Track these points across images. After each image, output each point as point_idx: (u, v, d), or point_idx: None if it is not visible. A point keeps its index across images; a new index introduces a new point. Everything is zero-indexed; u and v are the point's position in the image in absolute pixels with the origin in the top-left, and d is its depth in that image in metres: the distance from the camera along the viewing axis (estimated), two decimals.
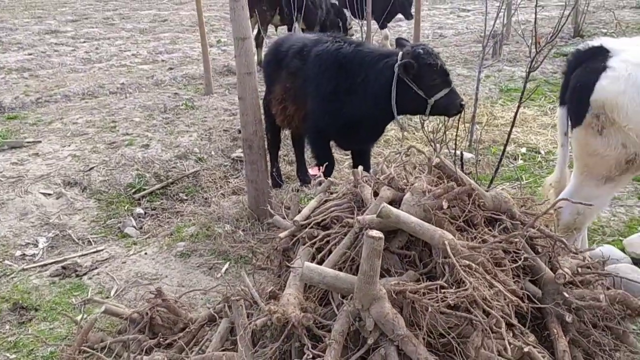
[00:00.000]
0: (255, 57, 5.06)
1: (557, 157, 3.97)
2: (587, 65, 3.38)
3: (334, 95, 4.58)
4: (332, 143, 5.12)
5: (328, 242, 2.45)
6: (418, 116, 5.38)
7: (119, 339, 3.18)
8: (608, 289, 2.63)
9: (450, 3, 19.05)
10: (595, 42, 3.51)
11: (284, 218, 2.87)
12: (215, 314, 2.96)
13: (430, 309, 1.99)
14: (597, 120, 3.31)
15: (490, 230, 2.44)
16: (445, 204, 2.28)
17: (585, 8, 12.64)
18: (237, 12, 4.29)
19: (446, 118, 4.36)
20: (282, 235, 2.65)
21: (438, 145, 4.46)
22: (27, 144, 6.67)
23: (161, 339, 3.18)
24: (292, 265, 2.39)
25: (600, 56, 3.35)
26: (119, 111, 7.79)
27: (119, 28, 15.02)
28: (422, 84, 4.10)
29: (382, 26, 10.65)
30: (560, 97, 3.74)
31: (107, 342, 3.20)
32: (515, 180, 5.68)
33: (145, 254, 4.69)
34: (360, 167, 2.81)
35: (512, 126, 4.68)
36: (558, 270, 2.44)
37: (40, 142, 6.73)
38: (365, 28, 8.37)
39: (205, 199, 5.67)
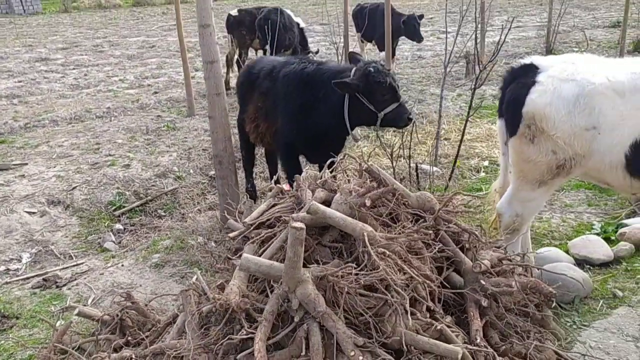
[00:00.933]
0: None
1: (500, 165, 4.30)
2: (519, 81, 3.72)
3: (300, 111, 4.90)
4: (302, 159, 5.43)
5: (270, 238, 2.74)
6: (389, 132, 5.75)
7: (91, 339, 3.44)
8: (526, 276, 2.93)
9: (431, 25, 19.58)
10: (527, 60, 3.85)
11: (237, 222, 3.18)
12: (178, 313, 3.23)
13: (346, 289, 2.28)
14: (529, 130, 3.63)
15: (412, 225, 2.73)
16: (368, 202, 2.58)
17: (556, 28, 13.13)
18: (205, 37, 4.63)
19: (412, 133, 4.67)
20: (231, 235, 2.94)
21: (394, 156, 4.81)
22: (13, 166, 6.94)
23: (130, 339, 3.44)
24: (233, 259, 2.68)
25: (530, 72, 3.69)
26: (103, 134, 8.09)
27: (108, 55, 15.42)
28: (372, 99, 4.44)
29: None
30: (498, 110, 4.07)
31: (79, 342, 3.46)
32: (477, 190, 5.99)
33: (122, 265, 4.96)
34: (303, 174, 3.12)
35: (462, 140, 5.02)
36: (475, 261, 2.73)
37: (26, 164, 7.01)
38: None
39: (183, 214, 5.96)
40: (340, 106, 4.62)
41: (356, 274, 2.33)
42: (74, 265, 5.05)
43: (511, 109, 3.76)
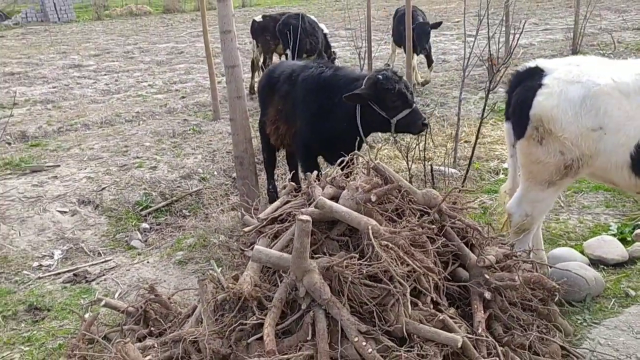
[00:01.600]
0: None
1: (508, 167, 4.37)
2: (525, 84, 3.80)
3: (317, 114, 5.06)
4: (321, 159, 5.58)
5: (282, 232, 2.88)
6: (409, 136, 5.86)
7: (116, 329, 3.64)
8: (530, 272, 3.01)
9: (457, 29, 19.56)
10: (532, 63, 3.93)
11: (252, 217, 3.33)
12: (198, 305, 3.40)
13: (350, 279, 2.41)
14: (536, 132, 3.71)
15: (417, 221, 2.84)
16: (373, 198, 2.70)
17: (582, 30, 13.04)
18: (227, 43, 4.82)
19: (427, 136, 4.77)
20: (246, 229, 3.10)
21: (412, 159, 4.92)
22: (47, 168, 7.24)
23: (153, 329, 3.63)
24: (246, 251, 2.83)
25: (536, 75, 3.77)
26: (131, 137, 8.37)
27: (138, 61, 15.82)
28: (383, 106, 4.55)
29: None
30: (505, 113, 4.15)
31: (105, 332, 3.65)
32: (494, 192, 6.04)
33: (148, 262, 5.17)
34: (315, 172, 3.26)
35: (476, 141, 5.09)
36: (480, 256, 2.83)
37: (59, 166, 7.31)
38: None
39: (206, 214, 6.15)
40: (354, 112, 4.75)
41: (359, 265, 2.46)
42: (102, 262, 5.28)
43: (518, 112, 3.84)
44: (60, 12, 29.89)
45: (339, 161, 3.30)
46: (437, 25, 10.58)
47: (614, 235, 4.83)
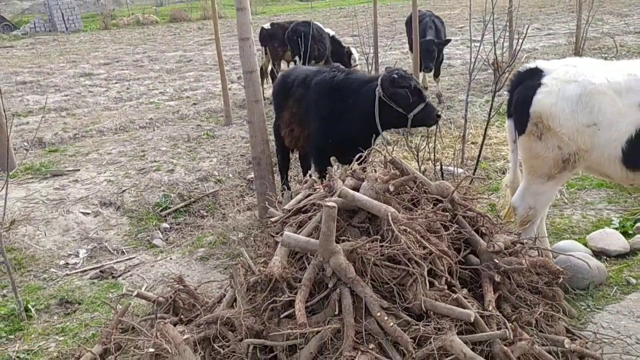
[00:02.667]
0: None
1: (510, 162, 4.62)
2: (526, 83, 4.06)
3: (330, 116, 5.31)
4: (333, 159, 5.83)
5: (306, 222, 3.12)
6: (418, 138, 6.12)
7: (147, 317, 3.87)
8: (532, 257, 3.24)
9: (462, 34, 19.83)
10: (532, 64, 4.19)
11: (276, 210, 3.58)
12: (225, 293, 3.63)
13: (372, 260, 2.64)
14: (536, 128, 3.96)
15: (431, 209, 3.08)
16: (391, 187, 2.94)
17: (584, 35, 13.28)
18: (245, 49, 5.08)
19: (436, 136, 5.04)
20: (273, 219, 3.34)
21: (422, 159, 5.17)
22: (67, 172, 7.51)
23: (182, 317, 3.86)
24: (275, 236, 3.07)
25: (536, 75, 4.03)
26: (147, 142, 8.64)
27: (148, 69, 16.13)
28: (400, 103, 4.82)
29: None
30: (507, 111, 4.41)
31: (137, 320, 3.89)
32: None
33: (170, 259, 5.42)
34: (335, 167, 3.51)
35: (483, 142, 5.34)
36: (489, 242, 3.07)
37: (79, 170, 7.57)
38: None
39: (223, 214, 6.40)
40: (368, 112, 5.00)
41: (380, 247, 2.69)
42: (127, 259, 5.53)
43: (519, 109, 4.10)
44: (68, 22, 30.34)
45: (357, 156, 3.55)
46: (444, 43, 10.22)
47: (616, 228, 5.05)
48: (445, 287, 2.83)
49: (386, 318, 2.58)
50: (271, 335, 2.70)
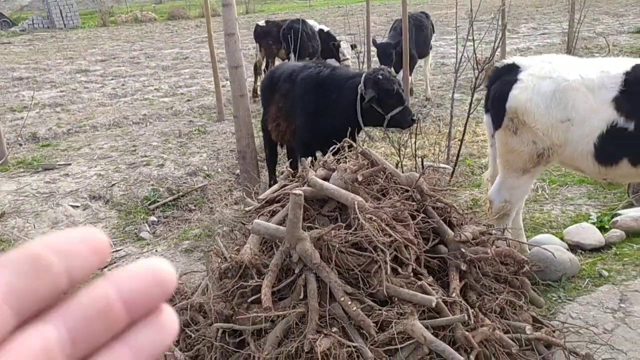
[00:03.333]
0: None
1: (489, 156, 4.71)
2: (503, 79, 4.15)
3: (315, 112, 5.40)
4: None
5: (279, 210, 3.21)
6: (405, 135, 6.24)
7: None
8: (498, 247, 3.34)
9: (458, 34, 19.90)
10: (509, 60, 4.28)
11: (252, 200, 3.67)
12: (203, 281, 3.72)
13: (337, 246, 2.73)
14: (512, 123, 4.05)
15: (398, 198, 3.17)
16: (360, 177, 3.03)
17: (576, 34, 13.36)
18: (231, 45, 5.17)
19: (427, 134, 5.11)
20: (246, 209, 3.43)
21: (409, 155, 5.26)
22: (58, 166, 7.60)
23: None
24: (246, 224, 3.17)
25: (512, 71, 4.12)
26: (139, 137, 8.73)
27: (144, 66, 16.21)
28: (381, 104, 4.92)
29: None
30: (485, 106, 4.50)
31: None
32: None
33: (156, 251, 5.51)
34: (310, 158, 3.60)
35: (463, 138, 5.44)
36: (456, 231, 3.16)
37: (70, 164, 7.66)
38: None
39: (211, 208, 6.49)
40: (351, 108, 5.09)
41: (345, 234, 2.78)
42: (113, 252, 5.61)
43: (496, 105, 4.19)
44: (66, 19, 30.38)
45: (332, 148, 3.64)
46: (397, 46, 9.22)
47: (594, 223, 5.14)
48: (411, 274, 2.92)
49: (350, 303, 2.67)
50: (240, 320, 2.79)
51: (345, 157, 3.33)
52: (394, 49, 9.22)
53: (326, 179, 3.12)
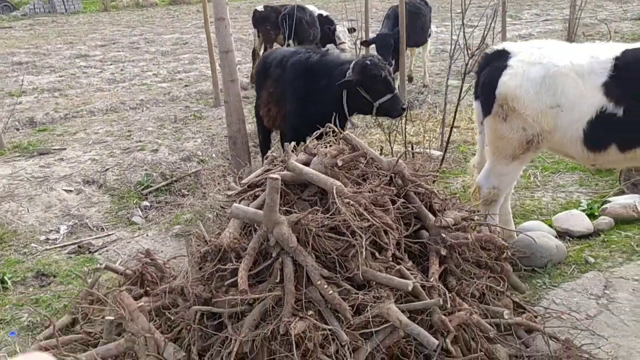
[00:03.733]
0: None
1: (477, 143, 4.69)
2: (492, 65, 4.12)
3: (305, 97, 5.38)
4: None
5: (260, 194, 3.22)
6: (393, 121, 6.22)
7: (115, 289, 3.98)
8: (479, 232, 3.34)
9: (457, 20, 19.75)
10: (499, 46, 4.25)
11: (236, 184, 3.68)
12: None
13: (314, 230, 2.74)
14: (502, 110, 4.03)
15: (377, 183, 3.16)
16: (339, 162, 3.03)
17: (577, 21, 13.25)
18: (221, 30, 5.15)
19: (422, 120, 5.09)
20: (229, 193, 3.44)
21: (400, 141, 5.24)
22: (53, 151, 7.61)
23: (149, 289, 3.97)
24: (226, 208, 3.18)
25: (502, 57, 4.09)
26: (135, 122, 8.73)
27: (143, 51, 16.16)
28: (368, 90, 4.88)
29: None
30: (474, 92, 4.48)
31: (105, 292, 4.01)
32: None
33: (147, 235, 5.53)
34: (293, 143, 3.59)
35: (453, 124, 5.43)
36: (437, 217, 3.17)
37: (65, 149, 7.67)
38: None
39: (204, 193, 6.49)
40: (339, 95, 5.07)
41: (322, 218, 2.79)
42: (105, 236, 5.64)
43: (486, 91, 4.16)
44: (67, 4, 30.28)
45: (315, 133, 3.64)
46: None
47: (584, 210, 5.13)
48: (391, 259, 2.93)
49: (326, 286, 2.68)
50: (218, 303, 2.81)
51: (327, 142, 3.32)
52: (392, 38, 9.10)
53: (307, 163, 3.12)
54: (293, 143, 3.53)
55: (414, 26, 9.74)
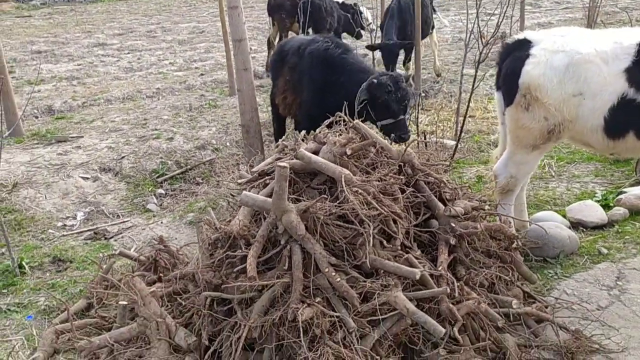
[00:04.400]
0: None
1: (499, 134, 4.66)
2: (515, 55, 4.08)
3: (321, 87, 5.36)
4: None
5: (269, 182, 3.25)
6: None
7: (128, 274, 4.05)
8: (489, 222, 3.33)
9: (472, 9, 19.53)
10: (520, 35, 4.21)
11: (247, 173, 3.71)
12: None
13: (322, 218, 2.76)
14: (524, 99, 4.00)
15: (386, 173, 3.17)
16: (348, 151, 3.04)
17: (598, 9, 13.03)
18: (234, 18, 5.16)
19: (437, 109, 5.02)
20: (240, 181, 3.47)
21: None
22: (71, 139, 7.71)
23: (162, 275, 4.03)
24: (236, 196, 3.21)
25: (524, 46, 4.06)
26: (150, 111, 8.80)
27: (160, 40, 16.23)
28: (372, 109, 4.85)
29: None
30: (496, 82, 4.44)
31: (119, 277, 4.08)
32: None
33: (162, 223, 5.60)
34: (303, 132, 3.61)
35: (466, 113, 5.39)
36: (447, 206, 3.17)
37: (82, 137, 7.76)
38: None
39: (218, 182, 6.55)
40: (354, 97, 5.03)
41: (330, 206, 2.81)
42: (120, 222, 5.73)
43: (508, 81, 4.13)
44: None
45: (326, 122, 3.65)
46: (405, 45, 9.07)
47: (598, 201, 5.09)
48: (399, 247, 2.94)
49: (334, 274, 2.71)
50: (228, 289, 2.85)
51: (337, 131, 3.33)
52: (398, 48, 8.89)
53: (316, 152, 3.14)
54: (303, 132, 3.54)
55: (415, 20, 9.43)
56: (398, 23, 9.14)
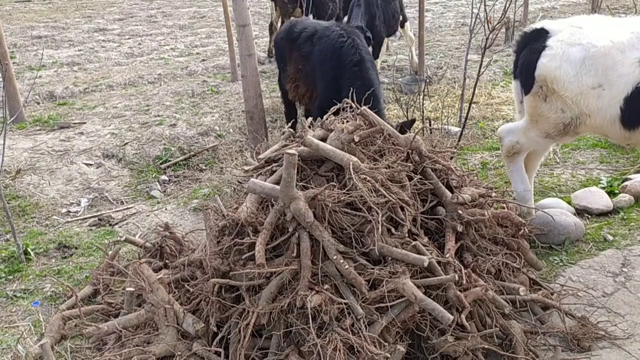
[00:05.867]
0: None
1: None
2: (531, 46, 4.06)
3: (335, 81, 5.23)
4: None
5: (277, 170, 3.24)
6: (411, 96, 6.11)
7: (135, 261, 4.06)
8: (496, 209, 3.33)
9: None
10: (538, 24, 4.18)
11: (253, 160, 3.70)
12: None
13: (330, 206, 2.76)
14: (541, 90, 3.99)
15: (394, 160, 3.16)
16: (356, 138, 3.03)
17: None
18: (238, 3, 5.11)
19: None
20: (246, 168, 3.47)
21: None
22: (73, 125, 7.69)
23: (167, 262, 4.04)
24: (243, 183, 3.20)
25: (541, 37, 4.03)
26: (153, 97, 8.77)
27: (161, 25, 16.12)
28: None
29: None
30: (513, 72, 4.42)
31: (124, 264, 4.09)
32: (496, 149, 6.30)
33: (166, 209, 5.60)
34: (310, 119, 3.59)
35: (472, 100, 5.36)
36: (454, 193, 3.16)
37: (85, 123, 7.75)
38: None
39: (221, 168, 6.54)
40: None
41: (338, 193, 2.81)
42: (124, 209, 5.72)
43: (525, 73, 4.12)
44: None
45: (332, 108, 3.62)
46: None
47: (603, 188, 5.08)
48: (406, 235, 2.94)
49: (342, 261, 2.71)
50: (236, 276, 2.85)
51: (345, 118, 3.31)
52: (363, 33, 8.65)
53: (324, 139, 3.12)
54: (310, 119, 3.52)
55: (384, 13, 8.87)
56: (365, 11, 8.78)
